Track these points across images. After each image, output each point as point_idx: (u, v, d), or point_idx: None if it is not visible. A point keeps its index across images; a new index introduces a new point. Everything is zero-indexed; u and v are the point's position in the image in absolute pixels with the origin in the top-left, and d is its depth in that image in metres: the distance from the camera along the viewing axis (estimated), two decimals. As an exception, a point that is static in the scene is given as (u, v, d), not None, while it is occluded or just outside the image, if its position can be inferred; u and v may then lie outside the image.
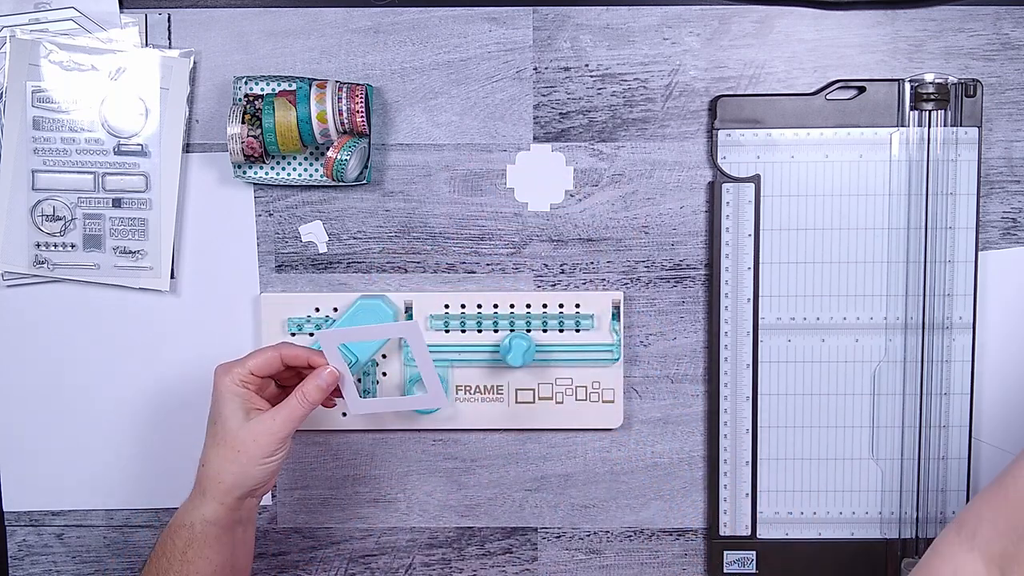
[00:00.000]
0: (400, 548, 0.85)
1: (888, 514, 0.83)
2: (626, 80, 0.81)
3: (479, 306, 0.82)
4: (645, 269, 0.83)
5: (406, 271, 0.83)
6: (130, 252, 0.82)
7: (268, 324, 0.82)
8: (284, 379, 0.75)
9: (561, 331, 0.82)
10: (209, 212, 0.82)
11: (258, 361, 0.71)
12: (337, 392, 0.74)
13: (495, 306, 0.82)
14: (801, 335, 0.82)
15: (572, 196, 0.82)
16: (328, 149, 0.79)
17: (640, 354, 0.83)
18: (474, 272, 0.83)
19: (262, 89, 0.80)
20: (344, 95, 0.78)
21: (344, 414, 0.83)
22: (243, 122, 0.78)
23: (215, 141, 0.82)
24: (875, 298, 0.81)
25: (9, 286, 0.83)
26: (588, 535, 0.85)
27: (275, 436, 0.70)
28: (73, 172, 0.81)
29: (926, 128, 0.80)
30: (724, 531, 0.83)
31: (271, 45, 0.81)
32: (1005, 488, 0.60)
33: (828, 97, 0.80)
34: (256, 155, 0.79)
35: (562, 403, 0.83)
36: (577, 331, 0.82)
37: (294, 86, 0.80)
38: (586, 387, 0.82)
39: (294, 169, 0.82)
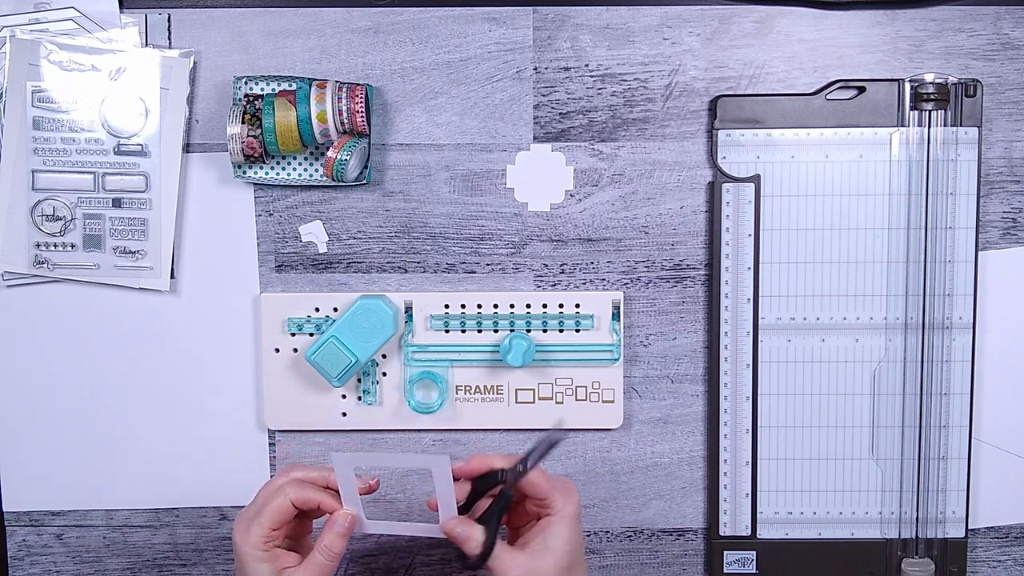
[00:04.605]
0: (400, 548, 0.85)
1: (888, 514, 0.83)
2: (626, 80, 0.81)
3: (479, 306, 0.82)
4: (645, 269, 0.83)
5: (406, 271, 0.83)
6: (130, 252, 0.82)
7: (268, 324, 0.82)
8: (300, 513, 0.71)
9: (561, 331, 0.82)
10: (209, 212, 0.82)
11: (272, 517, 0.68)
12: (369, 489, 0.71)
13: (495, 306, 0.82)
14: (801, 335, 0.82)
15: (572, 196, 0.82)
16: (328, 149, 0.79)
17: (640, 354, 0.83)
18: (474, 272, 0.83)
19: (262, 89, 0.80)
20: (344, 95, 0.78)
21: (344, 414, 0.83)
22: (243, 122, 0.78)
23: (215, 141, 0.82)
24: (875, 298, 0.81)
25: (9, 286, 0.83)
26: (588, 535, 0.85)
27: None
28: (73, 172, 0.81)
29: (926, 128, 0.80)
30: (724, 531, 0.83)
31: (271, 45, 0.81)
32: None
33: (828, 97, 0.80)
34: (256, 155, 0.79)
35: (562, 403, 0.83)
36: (577, 331, 0.82)
37: (294, 86, 0.80)
38: (586, 387, 0.82)
39: (294, 169, 0.82)
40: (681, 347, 0.83)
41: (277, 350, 0.82)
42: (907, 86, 0.80)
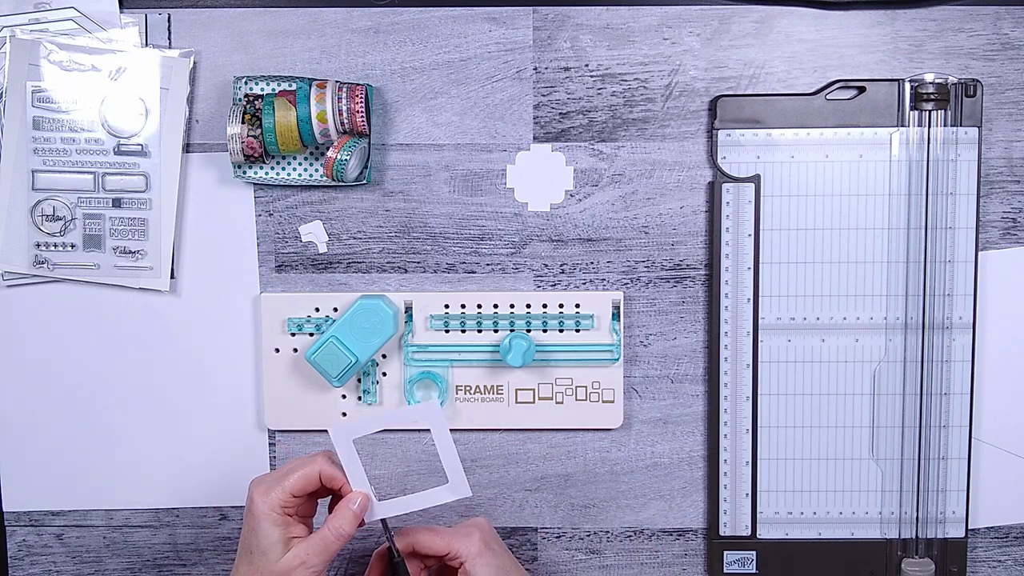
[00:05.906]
0: (400, 548, 0.85)
1: (888, 514, 0.83)
2: (626, 80, 0.81)
3: (479, 306, 0.82)
4: (645, 269, 0.83)
5: (406, 271, 0.83)
6: (130, 252, 0.82)
7: (268, 324, 0.82)
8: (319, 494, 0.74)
9: (561, 331, 0.82)
10: (209, 212, 0.82)
11: (297, 483, 0.70)
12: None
13: (495, 306, 0.82)
14: (801, 335, 0.82)
15: (572, 196, 0.82)
16: (328, 149, 0.79)
17: (640, 354, 0.83)
18: (474, 272, 0.83)
19: (262, 89, 0.80)
20: (344, 95, 0.78)
21: (344, 414, 0.83)
22: (243, 122, 0.78)
23: (215, 141, 0.82)
24: (875, 298, 0.81)
25: (9, 286, 0.83)
26: (588, 535, 0.85)
27: (311, 570, 0.69)
28: (73, 172, 0.81)
29: (926, 128, 0.80)
30: (724, 531, 0.83)
31: (271, 45, 0.81)
32: None
33: (828, 97, 0.80)
34: (256, 155, 0.79)
35: (562, 403, 0.83)
36: (577, 331, 0.82)
37: (294, 86, 0.80)
38: (586, 387, 0.82)
39: (294, 169, 0.82)
40: (681, 347, 0.83)
41: (277, 350, 0.82)
42: (907, 86, 0.80)
